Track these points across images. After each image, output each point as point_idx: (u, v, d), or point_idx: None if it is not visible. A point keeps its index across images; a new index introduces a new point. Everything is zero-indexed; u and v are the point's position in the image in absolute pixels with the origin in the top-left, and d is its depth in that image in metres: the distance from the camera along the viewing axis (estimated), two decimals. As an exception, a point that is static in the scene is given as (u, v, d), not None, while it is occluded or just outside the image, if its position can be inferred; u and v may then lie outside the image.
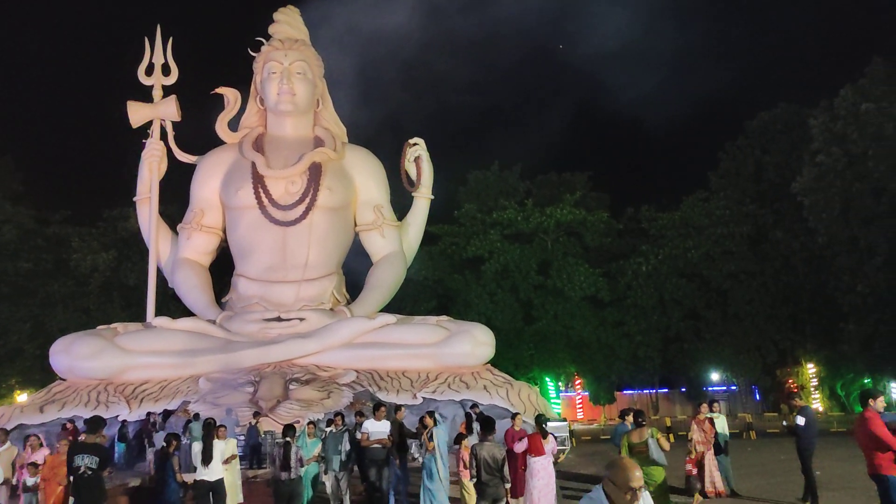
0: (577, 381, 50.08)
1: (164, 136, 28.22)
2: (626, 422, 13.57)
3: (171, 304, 34.33)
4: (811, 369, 46.28)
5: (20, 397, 39.63)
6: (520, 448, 13.00)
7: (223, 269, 29.20)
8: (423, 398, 22.22)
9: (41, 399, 23.09)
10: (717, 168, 49.41)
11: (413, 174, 28.48)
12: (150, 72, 28.58)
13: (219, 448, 12.60)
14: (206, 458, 12.38)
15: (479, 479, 10.66)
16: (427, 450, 12.89)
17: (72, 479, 10.51)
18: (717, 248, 45.41)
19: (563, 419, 28.62)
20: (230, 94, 28.39)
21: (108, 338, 23.85)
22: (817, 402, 45.05)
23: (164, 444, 13.50)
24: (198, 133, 29.36)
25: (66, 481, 11.30)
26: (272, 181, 26.38)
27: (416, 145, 28.28)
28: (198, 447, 12.63)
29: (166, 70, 28.62)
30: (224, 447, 12.84)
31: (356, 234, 28.39)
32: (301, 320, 24.66)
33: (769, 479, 17.33)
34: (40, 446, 14.68)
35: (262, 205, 26.20)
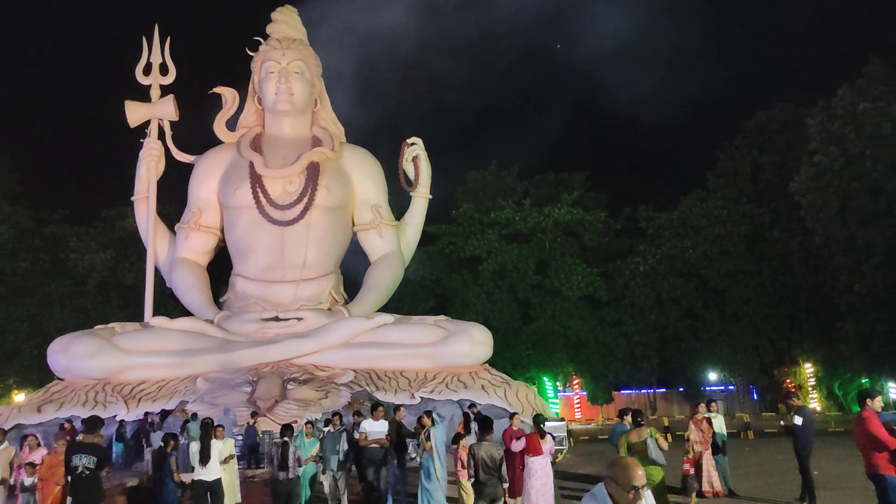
0: (575, 381, 50.08)
1: (161, 135, 28.20)
2: (625, 421, 13.56)
3: (169, 304, 34.28)
4: (809, 369, 46.34)
5: (18, 397, 39.60)
6: (517, 447, 12.98)
7: (221, 269, 29.18)
8: (421, 398, 22.23)
9: (39, 399, 23.07)
10: (715, 168, 49.41)
11: (411, 174, 28.48)
12: (147, 71, 28.57)
13: (216, 448, 12.58)
14: (204, 458, 12.35)
15: (477, 479, 10.65)
16: (424, 450, 12.89)
17: (69, 478, 10.48)
18: (714, 248, 45.45)
19: (561, 419, 28.64)
20: (228, 94, 28.38)
21: (106, 337, 23.83)
22: (815, 402, 45.11)
23: (162, 443, 13.46)
24: (196, 133, 29.37)
25: (64, 481, 11.27)
26: (270, 181, 26.37)
27: (413, 145, 28.28)
28: (195, 447, 12.61)
29: (164, 70, 28.61)
30: (222, 447, 12.81)
31: (354, 234, 28.39)
32: (299, 320, 24.65)
33: (767, 478, 17.34)
34: (38, 446, 14.65)
35: (259, 204, 26.18)
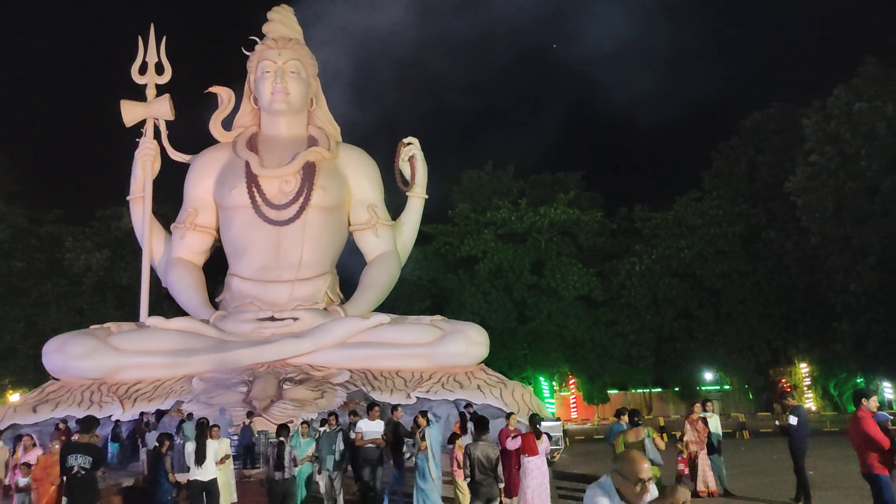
0: (571, 381, 50.08)
1: (157, 135, 28.15)
2: (622, 421, 13.60)
3: (165, 304, 34.27)
4: (804, 369, 46.40)
5: (13, 397, 39.51)
6: (513, 445, 12.98)
7: (217, 269, 29.15)
8: (417, 398, 22.22)
9: (34, 399, 23.04)
10: (711, 168, 49.41)
11: (407, 173, 28.45)
12: (143, 71, 28.54)
13: (212, 448, 12.57)
14: (200, 458, 12.35)
15: (473, 479, 10.66)
16: (419, 449, 12.89)
17: (65, 478, 10.47)
18: (710, 248, 45.46)
19: (557, 419, 28.64)
20: (224, 93, 28.34)
21: (102, 337, 23.81)
22: (810, 402, 45.16)
23: (157, 443, 13.45)
24: (191, 132, 29.35)
25: (59, 481, 11.26)
26: (266, 180, 26.34)
27: (410, 145, 28.25)
28: (191, 447, 12.60)
29: (160, 69, 28.56)
30: (217, 447, 12.81)
31: (350, 234, 28.38)
32: (295, 320, 24.63)
33: (762, 478, 17.35)
34: (33, 446, 14.62)
35: (255, 204, 26.15)
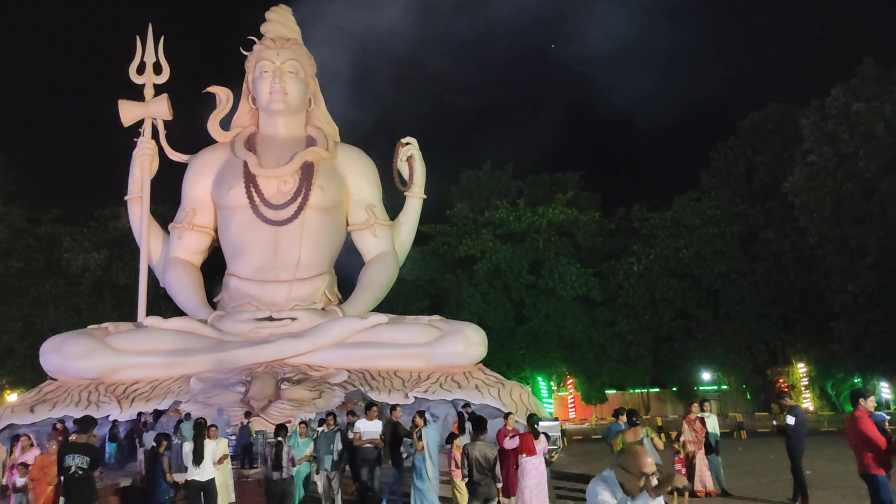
0: (569, 381, 50.08)
1: (155, 134, 28.15)
2: (620, 421, 13.63)
3: (163, 304, 34.24)
4: (802, 369, 46.42)
5: (10, 397, 39.47)
6: (511, 445, 12.98)
7: (215, 269, 29.13)
8: (415, 398, 22.22)
9: (32, 399, 23.01)
10: (709, 168, 49.39)
11: (405, 173, 28.44)
12: (141, 70, 28.52)
13: (210, 448, 12.56)
14: (197, 458, 12.34)
15: (470, 479, 10.66)
16: (416, 450, 12.89)
17: (62, 479, 10.46)
18: (708, 248, 45.43)
19: (555, 419, 28.63)
20: (222, 93, 28.32)
21: (99, 337, 23.80)
22: (808, 402, 45.18)
23: (154, 443, 13.45)
24: (189, 132, 29.34)
25: (56, 481, 11.25)
26: (264, 180, 26.34)
27: (408, 145, 28.24)
28: (188, 447, 12.60)
29: (158, 69, 28.55)
30: (215, 447, 12.80)
31: (348, 234, 28.36)
32: (293, 320, 24.62)
33: (760, 478, 17.37)
34: (31, 446, 14.61)
35: (253, 204, 26.14)
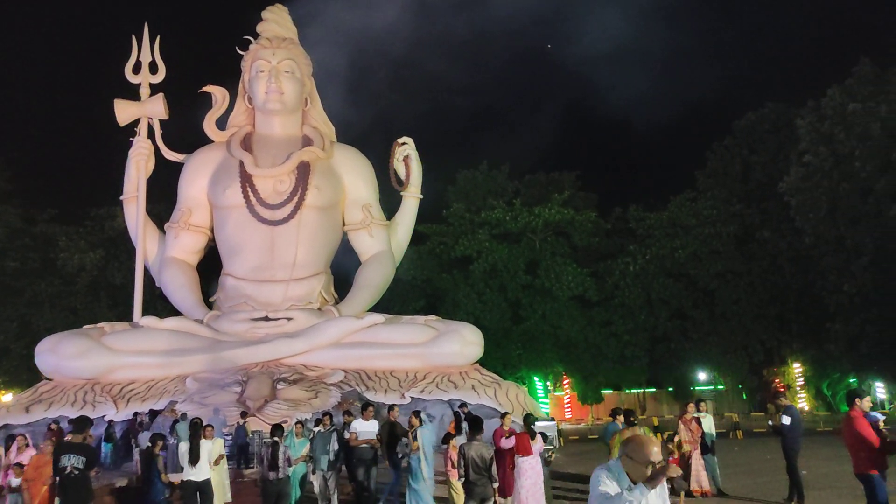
0: (565, 381, 50.08)
1: (151, 134, 28.12)
2: (617, 421, 13.66)
3: (159, 304, 34.19)
4: (797, 369, 46.44)
5: (6, 397, 39.39)
6: (507, 444, 12.99)
7: (211, 269, 29.10)
8: (412, 398, 22.23)
9: (27, 399, 22.99)
10: (705, 168, 49.42)
11: (402, 173, 28.43)
12: (137, 70, 28.48)
13: (206, 448, 12.54)
14: (193, 458, 12.32)
15: (467, 479, 10.66)
16: (412, 450, 12.89)
17: (58, 479, 10.43)
18: (704, 248, 45.45)
19: (552, 418, 28.65)
20: (218, 93, 28.30)
21: (95, 337, 23.77)
22: (803, 402, 45.25)
23: (150, 444, 13.42)
24: (185, 131, 29.30)
25: (51, 481, 11.21)
26: (260, 180, 26.31)
27: (404, 144, 28.24)
28: (184, 447, 12.58)
29: (154, 68, 28.52)
30: (211, 447, 12.78)
31: (345, 234, 28.34)
32: (289, 320, 24.62)
33: (756, 478, 17.39)
34: (26, 446, 14.56)
35: (250, 204, 26.12)
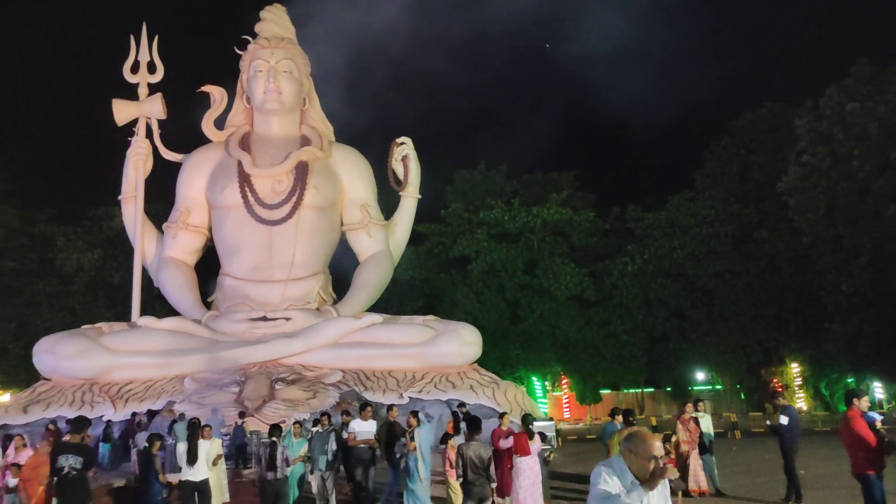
0: (564, 381, 50.12)
1: (149, 134, 28.05)
2: (616, 421, 13.67)
3: (157, 304, 34.17)
4: (795, 369, 46.53)
5: (3, 397, 39.37)
6: (505, 444, 12.99)
7: (209, 269, 29.07)
8: (410, 398, 22.21)
9: (25, 399, 22.95)
10: (703, 168, 49.49)
11: (400, 173, 28.42)
12: (135, 70, 28.42)
13: (204, 448, 12.53)
14: (191, 459, 12.30)
15: (465, 479, 10.66)
16: (409, 450, 12.89)
17: (56, 479, 10.41)
18: (702, 248, 45.49)
19: (550, 418, 28.66)
20: (216, 93, 28.25)
21: (93, 337, 23.71)
22: (801, 402, 45.30)
23: (147, 444, 13.41)
24: (184, 131, 29.25)
25: (48, 481, 11.19)
26: (258, 180, 26.27)
27: (403, 144, 28.23)
28: (182, 447, 12.57)
29: (152, 68, 28.46)
30: (209, 447, 12.77)
31: (343, 234, 28.32)
32: (287, 320, 24.58)
33: (754, 478, 17.40)
34: (24, 447, 14.55)
35: (248, 203, 26.08)
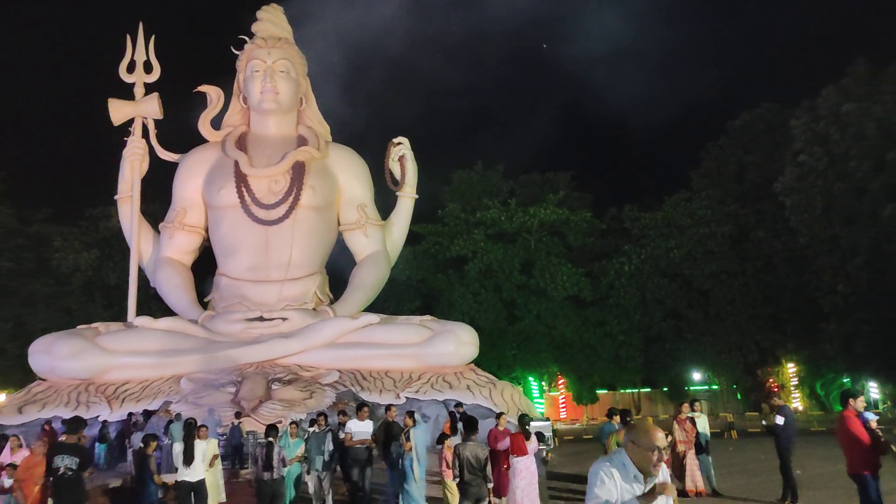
0: (560, 381, 50.13)
1: (146, 134, 28.07)
2: (614, 421, 13.69)
3: (153, 304, 34.16)
4: (792, 369, 46.57)
5: (-1, 397, 39.34)
6: (502, 445, 12.98)
7: (206, 269, 29.05)
8: (407, 398, 22.22)
9: (20, 399, 22.91)
10: (700, 168, 49.51)
11: (397, 173, 28.44)
12: (131, 69, 28.43)
13: (200, 448, 12.52)
14: (188, 459, 12.29)
15: (461, 479, 10.66)
16: (405, 450, 12.88)
17: (52, 479, 10.40)
18: (699, 248, 45.50)
19: (547, 419, 28.65)
20: (213, 93, 28.24)
21: (89, 337, 23.71)
22: (797, 402, 45.34)
23: (142, 444, 13.40)
24: (180, 131, 29.24)
25: (43, 482, 11.17)
26: (255, 180, 26.26)
27: (400, 144, 28.24)
28: (178, 448, 12.55)
29: (148, 67, 28.47)
30: (206, 447, 12.75)
31: (340, 234, 28.32)
32: (284, 320, 24.59)
33: (750, 478, 17.40)
34: (20, 447, 14.51)
35: (244, 203, 26.06)
